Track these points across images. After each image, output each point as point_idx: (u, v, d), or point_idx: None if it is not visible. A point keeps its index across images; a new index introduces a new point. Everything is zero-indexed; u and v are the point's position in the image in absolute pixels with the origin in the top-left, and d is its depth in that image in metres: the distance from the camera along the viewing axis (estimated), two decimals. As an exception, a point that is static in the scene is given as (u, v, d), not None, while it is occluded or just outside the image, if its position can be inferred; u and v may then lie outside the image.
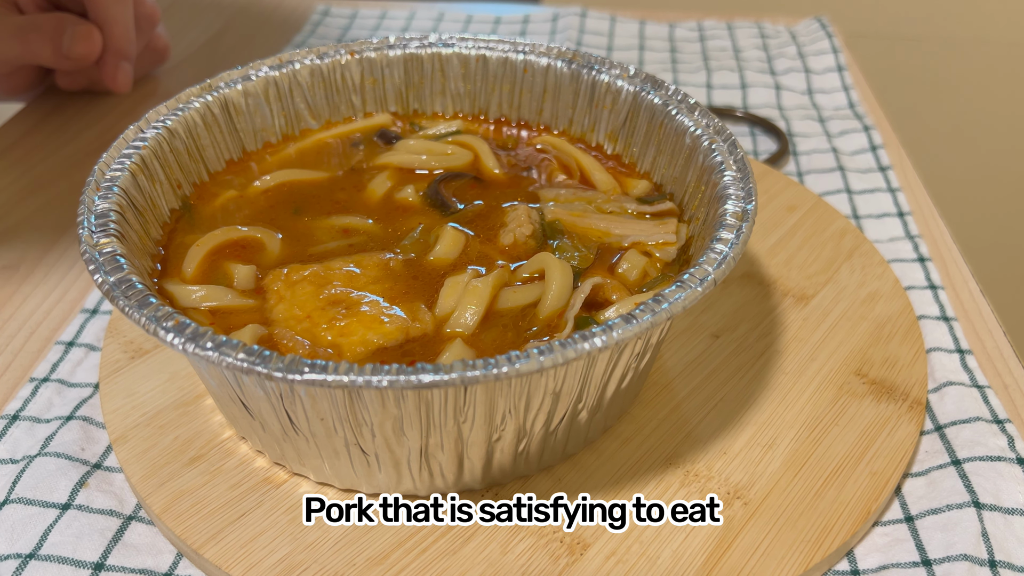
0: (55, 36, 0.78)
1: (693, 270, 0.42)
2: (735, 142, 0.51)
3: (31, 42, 0.79)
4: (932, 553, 0.45)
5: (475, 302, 0.47)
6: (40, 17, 0.79)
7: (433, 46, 0.64)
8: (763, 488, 0.48)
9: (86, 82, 0.88)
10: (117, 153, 0.51)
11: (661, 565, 0.44)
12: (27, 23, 0.79)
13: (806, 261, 0.64)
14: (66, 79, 0.87)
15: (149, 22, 0.88)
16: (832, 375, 0.55)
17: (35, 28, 0.79)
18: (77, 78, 0.87)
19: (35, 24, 0.79)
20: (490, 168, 0.59)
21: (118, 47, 0.82)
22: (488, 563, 0.44)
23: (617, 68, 0.59)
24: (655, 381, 0.54)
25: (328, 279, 0.49)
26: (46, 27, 0.79)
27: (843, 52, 0.99)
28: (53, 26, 0.79)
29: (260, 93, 0.60)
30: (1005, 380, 0.56)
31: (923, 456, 0.51)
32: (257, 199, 0.57)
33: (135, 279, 0.42)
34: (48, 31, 0.79)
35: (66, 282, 0.66)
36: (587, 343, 0.38)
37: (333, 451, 0.44)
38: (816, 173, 0.79)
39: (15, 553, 0.45)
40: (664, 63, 1.00)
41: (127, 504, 0.49)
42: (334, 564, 0.44)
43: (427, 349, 0.46)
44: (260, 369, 0.37)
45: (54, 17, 0.79)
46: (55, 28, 0.79)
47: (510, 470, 0.47)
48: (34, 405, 0.55)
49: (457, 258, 0.51)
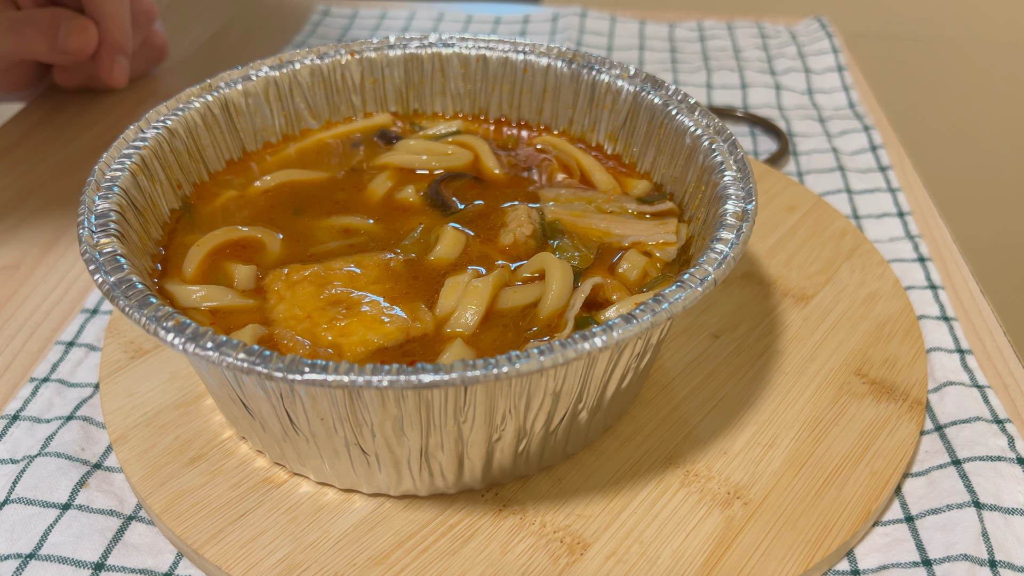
0: (50, 30, 0.79)
1: (693, 270, 0.42)
2: (735, 142, 0.51)
3: (27, 36, 0.79)
4: (932, 553, 0.45)
5: (475, 302, 0.47)
6: (36, 12, 0.80)
7: (433, 46, 0.64)
8: (763, 488, 0.48)
9: (84, 79, 0.88)
10: (117, 153, 0.51)
11: (661, 565, 0.44)
12: (23, 17, 0.79)
13: (806, 261, 0.64)
14: (64, 76, 0.87)
15: (146, 18, 0.89)
16: (832, 375, 0.55)
17: (31, 22, 0.79)
18: (75, 74, 0.87)
19: (31, 19, 0.79)
20: (490, 168, 0.59)
21: (114, 40, 0.82)
22: (488, 563, 0.44)
23: (617, 68, 0.59)
24: (655, 381, 0.54)
25: (328, 279, 0.49)
26: (42, 21, 0.79)
27: (843, 52, 0.99)
28: (49, 20, 0.79)
29: (260, 93, 0.60)
30: (1005, 380, 0.56)
31: (923, 456, 0.51)
32: (257, 199, 0.57)
33: (135, 279, 0.42)
34: (44, 25, 0.79)
35: (66, 282, 0.66)
36: (587, 343, 0.38)
37: (333, 451, 0.44)
38: (816, 173, 0.79)
39: (15, 553, 0.45)
40: (664, 63, 1.00)
41: (127, 504, 0.49)
42: (334, 564, 0.44)
43: (427, 349, 0.46)
44: (260, 369, 0.37)
45: (50, 12, 0.80)
46: (50, 22, 0.79)
47: (510, 470, 0.47)
48: (34, 405, 0.55)
49: (457, 258, 0.51)
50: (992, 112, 1.73)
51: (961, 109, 1.73)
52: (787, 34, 1.06)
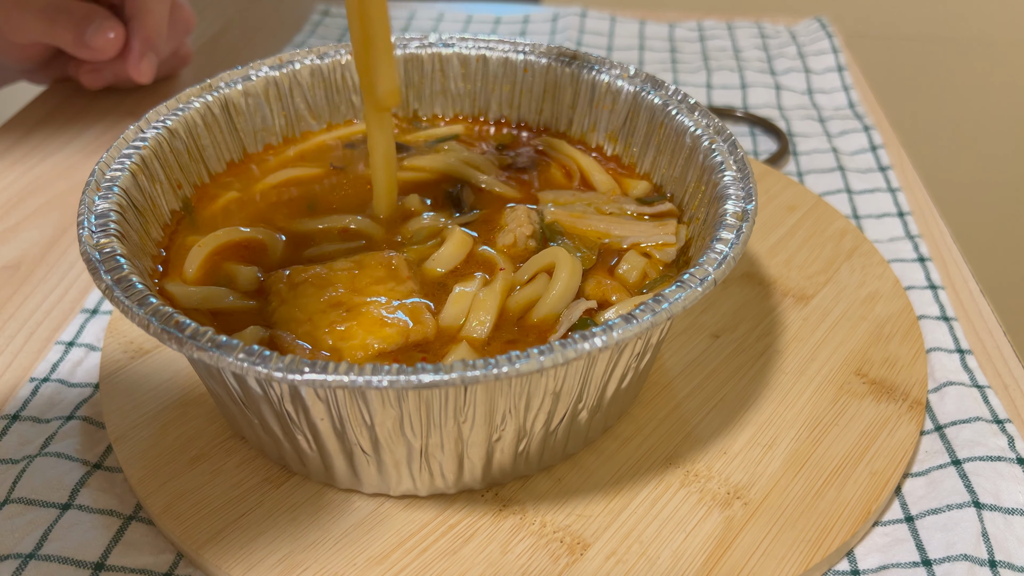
0: (81, 24, 0.80)
1: (693, 270, 0.42)
2: (735, 142, 0.51)
3: (57, 23, 0.80)
4: (932, 553, 0.45)
5: (486, 311, 0.47)
6: (74, 3, 0.81)
7: (433, 46, 0.64)
8: (763, 488, 0.48)
9: (111, 77, 0.88)
10: (117, 153, 0.51)
11: (661, 565, 0.44)
12: (59, 4, 0.80)
13: (806, 261, 0.64)
14: (91, 76, 0.87)
15: (184, 27, 0.90)
16: (832, 375, 0.55)
17: (65, 11, 0.80)
18: (103, 73, 0.87)
19: (66, 7, 0.80)
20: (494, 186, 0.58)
21: (148, 37, 0.83)
22: (488, 563, 0.44)
23: (617, 68, 0.59)
24: (655, 381, 0.54)
25: (331, 280, 0.49)
26: (76, 13, 0.80)
27: (843, 52, 0.99)
28: (83, 15, 0.80)
29: (260, 93, 0.60)
30: (1005, 380, 0.56)
31: (923, 456, 0.51)
32: (258, 200, 0.57)
33: (135, 279, 0.42)
34: (76, 18, 0.80)
35: (66, 282, 0.66)
36: (587, 343, 0.38)
37: (333, 451, 0.44)
38: (816, 173, 0.79)
39: (15, 553, 0.45)
40: (664, 63, 1.00)
41: (127, 504, 0.49)
42: (334, 564, 0.44)
43: (429, 354, 0.46)
44: (260, 369, 0.37)
45: (87, 7, 0.81)
46: (84, 17, 0.80)
47: (510, 470, 0.47)
48: (34, 405, 0.55)
49: (462, 261, 0.51)
50: (992, 112, 1.73)
51: (961, 109, 1.73)
52: (787, 34, 1.06)
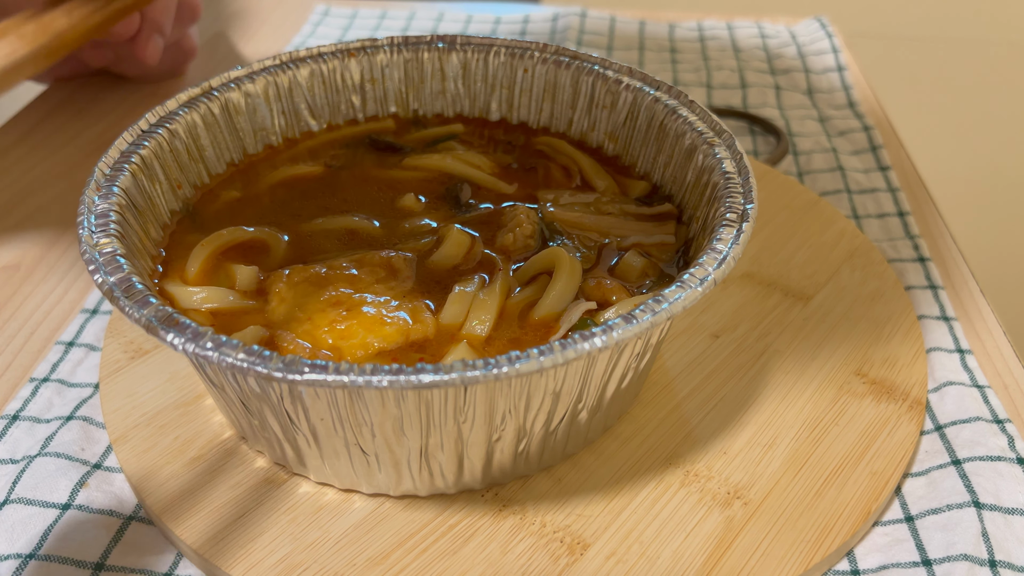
0: None
1: (693, 270, 0.42)
2: (735, 142, 0.51)
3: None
4: (932, 553, 0.45)
5: (485, 311, 0.47)
6: None
7: (433, 46, 0.64)
8: (763, 488, 0.48)
9: (112, 57, 0.89)
10: (117, 153, 0.51)
11: (661, 565, 0.44)
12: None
13: (806, 261, 0.64)
14: (93, 53, 0.88)
15: (191, 14, 0.90)
16: (832, 375, 0.55)
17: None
18: (104, 51, 0.88)
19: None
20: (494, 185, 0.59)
21: (155, 18, 0.83)
22: (488, 563, 0.44)
23: (617, 68, 0.59)
24: (655, 381, 0.54)
25: (330, 279, 0.49)
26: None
27: (843, 52, 0.99)
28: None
29: (260, 93, 0.60)
30: (1005, 380, 0.56)
31: (923, 456, 0.51)
32: (259, 200, 0.57)
33: (135, 279, 0.42)
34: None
35: (66, 282, 0.66)
36: (587, 343, 0.38)
37: (333, 451, 0.44)
38: (816, 173, 0.79)
39: (15, 553, 0.45)
40: (664, 63, 1.00)
41: (127, 504, 0.49)
42: (334, 564, 0.44)
43: (428, 353, 0.46)
44: (260, 369, 0.37)
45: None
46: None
47: (510, 470, 0.47)
48: (34, 405, 0.55)
49: (462, 259, 0.51)
50: (992, 112, 1.73)
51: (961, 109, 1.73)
52: (787, 34, 1.06)
